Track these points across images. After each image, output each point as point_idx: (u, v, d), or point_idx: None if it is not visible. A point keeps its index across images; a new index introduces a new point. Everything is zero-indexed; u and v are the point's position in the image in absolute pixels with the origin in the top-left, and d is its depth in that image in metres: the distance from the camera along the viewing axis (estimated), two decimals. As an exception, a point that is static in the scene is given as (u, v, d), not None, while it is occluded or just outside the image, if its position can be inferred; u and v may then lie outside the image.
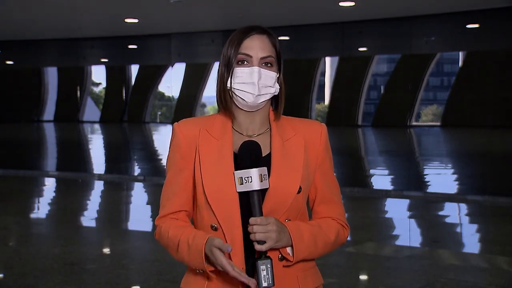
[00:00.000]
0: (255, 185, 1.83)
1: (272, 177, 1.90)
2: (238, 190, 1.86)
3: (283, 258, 1.92)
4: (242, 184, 1.85)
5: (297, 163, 1.96)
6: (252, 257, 1.89)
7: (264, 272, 1.82)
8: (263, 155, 1.94)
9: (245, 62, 1.95)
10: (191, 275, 2.00)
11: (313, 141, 2.01)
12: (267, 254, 1.85)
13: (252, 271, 1.89)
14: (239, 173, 1.85)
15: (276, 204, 1.91)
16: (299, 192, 1.94)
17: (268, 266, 1.82)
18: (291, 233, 1.89)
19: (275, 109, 2.04)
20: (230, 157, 1.94)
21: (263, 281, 1.82)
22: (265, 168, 1.86)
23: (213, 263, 1.84)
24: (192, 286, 1.99)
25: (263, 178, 1.84)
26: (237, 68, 1.95)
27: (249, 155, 1.87)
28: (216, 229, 1.93)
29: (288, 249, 1.91)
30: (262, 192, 1.88)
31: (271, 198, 1.90)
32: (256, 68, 1.94)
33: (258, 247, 1.83)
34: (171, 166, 2.02)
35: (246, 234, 1.86)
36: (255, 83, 1.93)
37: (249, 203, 1.85)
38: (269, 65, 1.96)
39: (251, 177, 1.83)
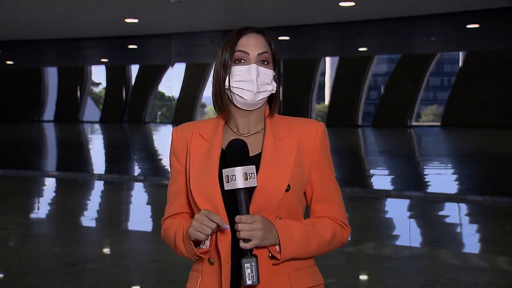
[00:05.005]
0: (239, 183, 1.84)
1: (260, 176, 1.91)
2: (225, 188, 1.87)
3: (273, 257, 1.91)
4: (228, 182, 1.86)
5: (287, 161, 1.95)
6: (239, 255, 1.89)
7: (249, 270, 1.82)
8: (255, 154, 1.95)
9: (242, 61, 1.97)
10: (191, 272, 2.05)
11: (307, 140, 2.00)
12: (254, 252, 1.85)
13: (238, 268, 1.89)
14: (226, 171, 1.87)
15: (263, 202, 1.91)
16: (287, 190, 1.92)
17: (253, 264, 1.82)
18: (279, 231, 1.88)
19: (270, 107, 2.05)
20: (216, 156, 1.96)
21: (247, 279, 1.82)
22: (252, 167, 1.87)
23: (199, 233, 1.85)
24: (190, 282, 2.03)
25: (248, 177, 1.85)
26: (235, 66, 1.97)
27: (234, 154, 1.88)
28: None
29: (277, 247, 1.90)
30: (250, 190, 1.88)
31: (258, 196, 1.90)
32: (254, 66, 1.96)
33: (242, 245, 1.83)
34: (171, 169, 2.10)
35: (235, 232, 1.87)
36: (253, 80, 1.95)
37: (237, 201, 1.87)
38: (265, 62, 1.98)
39: (235, 175, 1.85)
